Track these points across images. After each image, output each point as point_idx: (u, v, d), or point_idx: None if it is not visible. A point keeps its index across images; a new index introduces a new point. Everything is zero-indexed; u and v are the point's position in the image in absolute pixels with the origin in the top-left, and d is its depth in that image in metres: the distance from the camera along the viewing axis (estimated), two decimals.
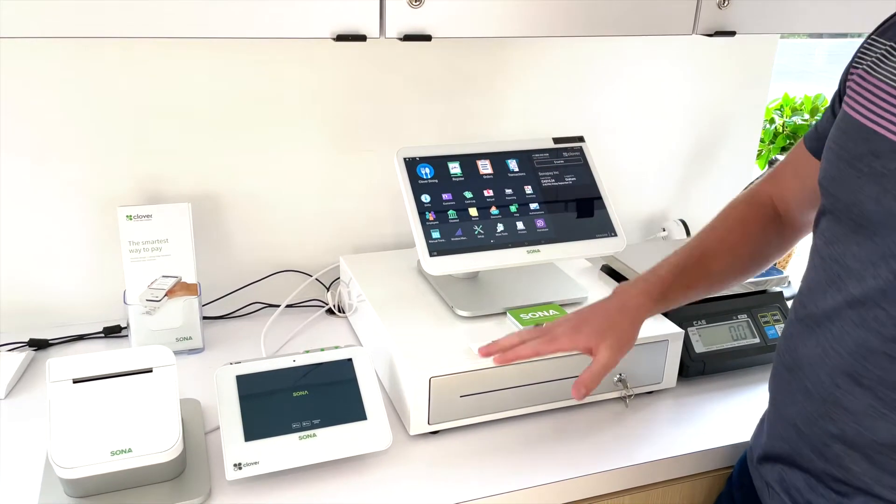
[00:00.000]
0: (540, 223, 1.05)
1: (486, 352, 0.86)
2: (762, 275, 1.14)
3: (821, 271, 0.72)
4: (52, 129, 1.06)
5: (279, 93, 1.15)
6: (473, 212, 1.03)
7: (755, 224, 0.89)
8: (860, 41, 0.77)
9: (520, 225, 1.04)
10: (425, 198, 1.01)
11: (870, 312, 0.66)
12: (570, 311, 0.99)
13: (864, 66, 0.73)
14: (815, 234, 0.76)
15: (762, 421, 0.85)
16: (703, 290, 0.90)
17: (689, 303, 0.90)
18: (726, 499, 0.91)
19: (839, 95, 0.78)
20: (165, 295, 1.06)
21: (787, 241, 0.92)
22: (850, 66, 0.77)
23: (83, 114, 1.07)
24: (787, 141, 1.53)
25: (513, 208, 1.05)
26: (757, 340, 1.07)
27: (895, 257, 0.64)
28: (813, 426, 0.72)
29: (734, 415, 0.98)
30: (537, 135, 1.30)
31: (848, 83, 0.75)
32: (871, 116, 0.68)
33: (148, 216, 1.06)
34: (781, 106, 1.59)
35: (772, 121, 1.58)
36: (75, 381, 0.78)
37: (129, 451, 0.74)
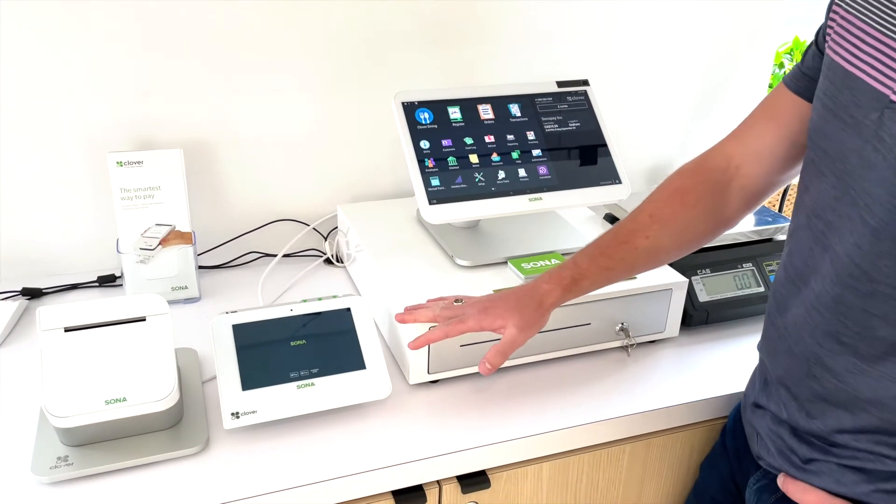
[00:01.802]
0: (542, 170, 1.02)
1: (401, 318, 0.85)
2: (768, 222, 1.12)
3: (806, 229, 0.71)
4: (38, 72, 1.02)
5: (274, 36, 1.11)
6: (474, 158, 1.00)
7: (693, 195, 0.84)
8: None
9: (522, 172, 1.01)
10: (424, 144, 0.98)
11: (846, 269, 0.65)
12: None
13: (845, 5, 0.69)
14: (800, 190, 0.74)
15: (755, 372, 0.84)
16: (628, 269, 0.86)
17: (614, 283, 0.87)
18: (720, 448, 0.91)
19: (823, 30, 0.74)
20: (159, 243, 1.04)
21: (730, 214, 0.85)
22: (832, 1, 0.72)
23: (70, 57, 1.03)
24: None
25: (515, 155, 1.02)
26: (762, 289, 1.06)
27: (870, 211, 0.62)
28: (799, 386, 0.72)
29: (736, 364, 0.98)
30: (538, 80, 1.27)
31: (829, 21, 0.71)
32: (854, 61, 0.65)
33: (139, 162, 1.03)
34: (791, 50, 1.54)
35: (781, 65, 1.54)
36: (67, 330, 0.77)
37: (124, 399, 0.73)
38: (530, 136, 1.03)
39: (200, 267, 1.13)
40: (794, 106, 0.78)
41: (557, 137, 1.04)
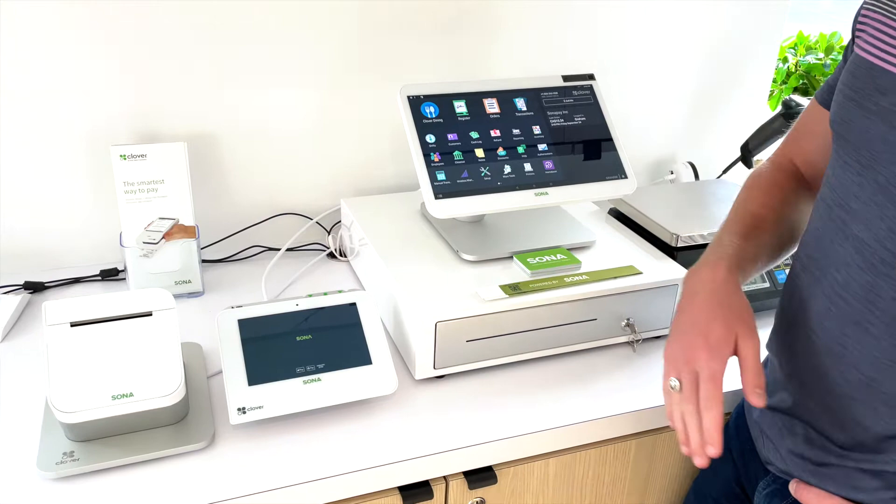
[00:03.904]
0: (548, 165, 1.01)
1: (689, 451, 0.71)
2: None
3: (826, 220, 0.70)
4: (41, 66, 1.01)
5: (278, 29, 1.10)
6: (480, 153, 0.99)
7: (789, 186, 0.84)
8: None
9: (527, 167, 1.01)
10: (430, 138, 0.98)
11: (877, 255, 0.64)
12: (578, 256, 0.97)
13: (873, 7, 0.70)
14: (823, 184, 0.74)
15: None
16: (766, 259, 0.80)
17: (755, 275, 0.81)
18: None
19: (852, 42, 0.75)
20: (163, 237, 1.03)
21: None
22: (860, 10, 0.73)
23: (73, 50, 1.02)
24: (801, 81, 1.49)
25: (520, 149, 1.01)
26: (767, 285, 1.05)
27: None
28: (818, 379, 0.70)
29: None
30: (544, 74, 1.26)
31: (858, 26, 0.72)
32: (879, 53, 0.66)
33: (142, 156, 1.02)
34: (795, 44, 1.54)
35: (785, 59, 1.53)
36: (73, 325, 0.76)
37: (131, 395, 0.73)
38: (536, 130, 1.03)
39: (204, 261, 1.13)
40: (825, 119, 0.78)
41: (563, 132, 1.04)
